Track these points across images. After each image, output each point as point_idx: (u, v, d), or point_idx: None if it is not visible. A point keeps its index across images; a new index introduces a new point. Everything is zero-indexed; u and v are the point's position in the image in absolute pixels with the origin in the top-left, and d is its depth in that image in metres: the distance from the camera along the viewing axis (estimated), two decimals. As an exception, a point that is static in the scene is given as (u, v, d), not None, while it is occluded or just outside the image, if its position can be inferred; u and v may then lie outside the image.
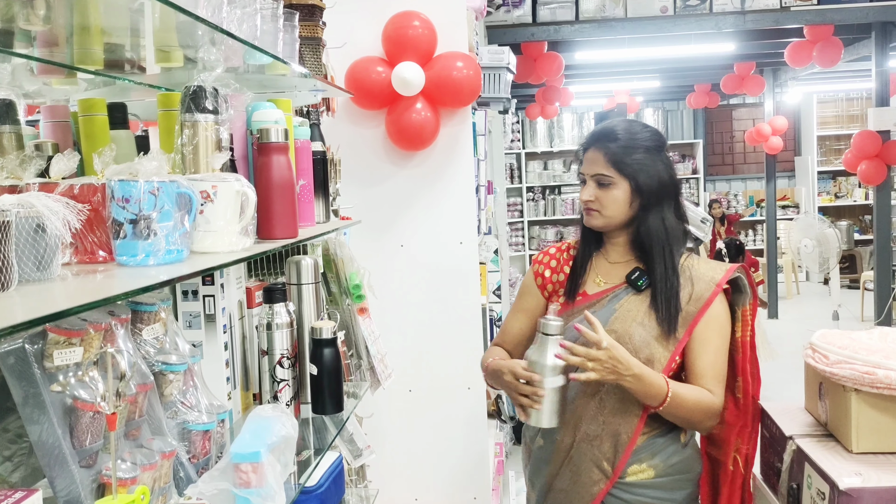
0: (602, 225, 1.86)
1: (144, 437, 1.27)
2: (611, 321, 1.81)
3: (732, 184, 11.23)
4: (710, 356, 1.79)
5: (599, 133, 1.87)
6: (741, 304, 1.86)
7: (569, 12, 5.15)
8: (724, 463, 1.89)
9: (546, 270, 1.98)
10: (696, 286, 1.82)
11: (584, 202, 1.86)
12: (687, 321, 1.80)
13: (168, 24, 1.28)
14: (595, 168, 1.83)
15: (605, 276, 1.89)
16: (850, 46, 6.21)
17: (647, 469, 1.81)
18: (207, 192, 1.26)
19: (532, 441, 1.95)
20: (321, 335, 1.82)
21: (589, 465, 1.82)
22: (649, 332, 1.79)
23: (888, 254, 5.88)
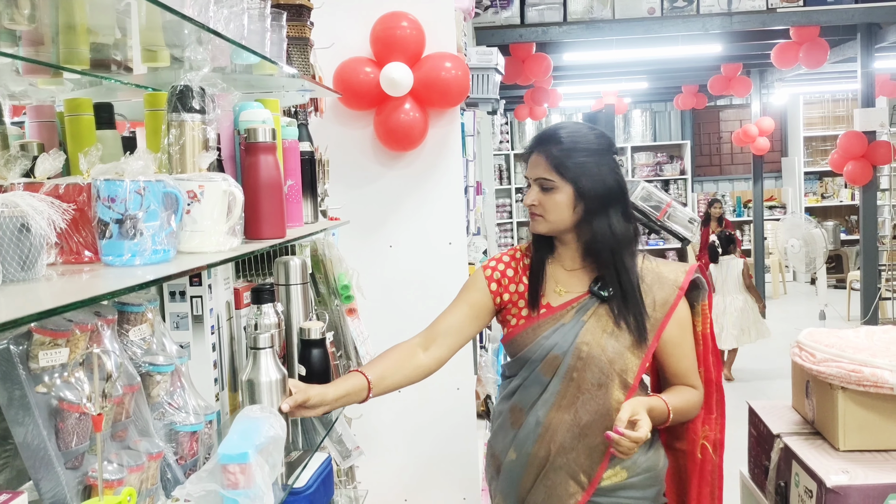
0: (546, 230, 1.83)
1: (131, 439, 1.26)
2: (581, 333, 1.80)
3: (720, 184, 11.28)
4: (685, 358, 1.84)
5: (543, 136, 1.85)
6: (700, 299, 1.89)
7: (557, 13, 5.16)
8: (691, 452, 1.89)
9: (503, 278, 1.91)
10: (660, 291, 1.83)
11: (527, 206, 1.83)
12: (655, 326, 1.81)
13: (154, 23, 1.28)
14: (537, 172, 1.81)
15: (564, 285, 1.86)
16: (836, 48, 6.25)
17: (621, 471, 1.81)
18: (194, 191, 1.25)
19: (503, 454, 1.91)
20: (310, 336, 1.81)
21: (565, 477, 1.80)
22: (621, 342, 1.79)
23: (874, 254, 5.92)
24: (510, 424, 1.88)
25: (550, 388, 1.81)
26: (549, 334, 1.81)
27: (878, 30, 5.68)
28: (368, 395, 1.76)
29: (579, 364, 1.79)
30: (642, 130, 11.10)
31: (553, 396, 1.80)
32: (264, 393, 1.59)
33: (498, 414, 1.95)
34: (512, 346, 1.90)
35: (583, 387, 1.79)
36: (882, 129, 5.93)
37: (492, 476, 1.97)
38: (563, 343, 1.80)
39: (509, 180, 10.98)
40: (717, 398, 1.90)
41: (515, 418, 1.87)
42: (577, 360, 1.79)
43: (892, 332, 1.89)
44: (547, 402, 1.80)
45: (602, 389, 1.78)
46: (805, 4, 5.11)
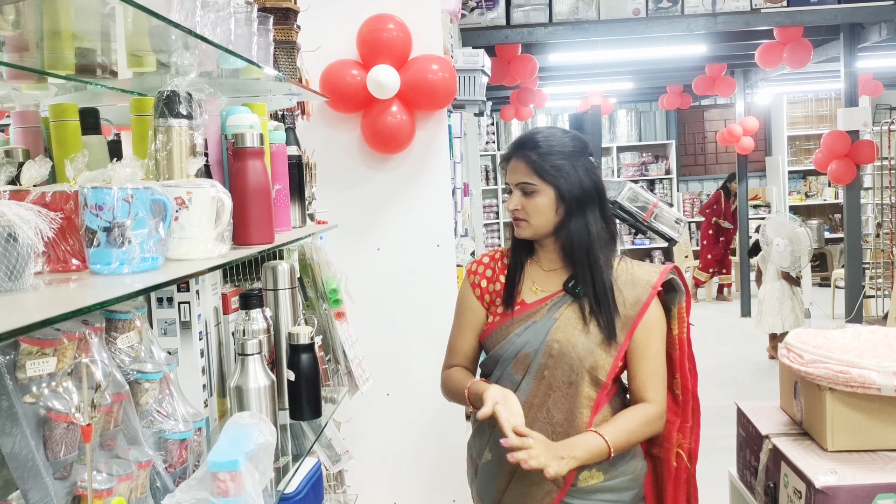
0: (531, 235, 1.85)
1: (120, 447, 1.25)
2: (552, 331, 1.81)
3: (705, 184, 11.33)
4: (651, 362, 1.82)
5: (520, 142, 1.86)
6: (676, 302, 1.87)
7: (542, 14, 5.17)
8: (666, 459, 1.89)
9: (482, 280, 1.94)
10: (633, 290, 1.83)
11: (511, 211, 1.84)
12: (627, 325, 1.81)
13: (140, 28, 1.27)
14: (518, 176, 1.83)
15: (540, 284, 1.88)
16: (820, 48, 6.29)
17: (597, 473, 1.81)
18: (182, 198, 1.25)
19: (479, 456, 1.92)
20: (298, 340, 1.81)
21: (539, 476, 1.77)
22: (592, 339, 1.79)
23: (858, 252, 5.97)
24: (487, 426, 1.88)
25: (522, 387, 1.82)
26: (521, 332, 1.83)
27: (860, 30, 5.72)
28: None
29: (550, 362, 1.80)
30: (628, 130, 11.14)
31: (525, 395, 1.81)
32: (253, 399, 1.58)
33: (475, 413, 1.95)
34: (487, 344, 1.92)
35: (553, 385, 1.80)
36: (865, 128, 5.97)
37: (471, 478, 1.99)
38: (534, 341, 1.82)
39: (496, 181, 10.99)
40: (693, 406, 1.89)
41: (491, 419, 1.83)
42: (547, 358, 1.80)
43: (879, 333, 1.90)
44: (519, 400, 1.79)
45: (572, 387, 1.79)
46: (788, 5, 5.14)
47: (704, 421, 1.93)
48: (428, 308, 2.91)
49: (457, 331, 1.99)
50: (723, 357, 6.98)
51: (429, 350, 2.90)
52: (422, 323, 2.91)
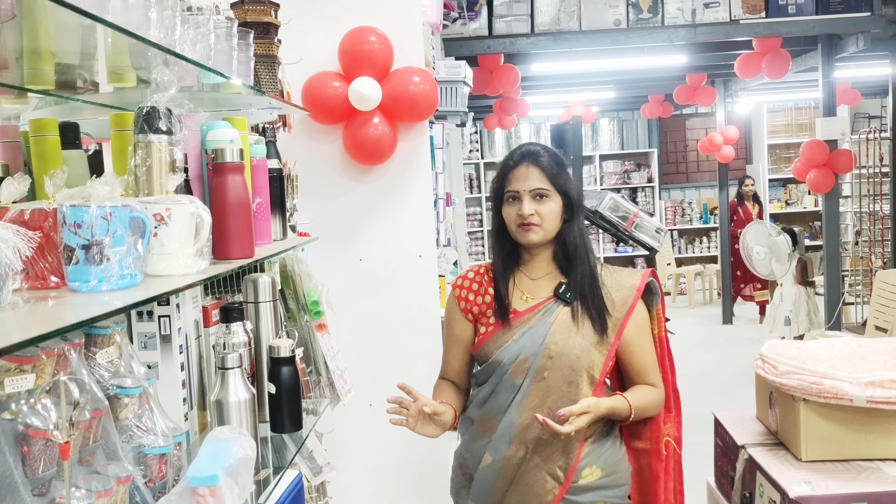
0: (541, 239, 1.92)
1: (99, 463, 1.26)
2: (549, 333, 1.88)
3: (686, 192, 11.41)
4: (645, 355, 1.94)
5: (528, 151, 1.96)
6: (654, 304, 2.00)
7: (524, 25, 5.20)
8: (655, 451, 1.97)
9: (469, 294, 2.01)
10: (619, 292, 1.94)
11: (525, 217, 1.89)
12: (616, 326, 1.91)
13: (119, 46, 1.27)
14: (532, 183, 1.91)
15: (529, 293, 1.96)
16: (798, 58, 6.37)
17: (596, 470, 1.89)
18: (161, 214, 1.25)
19: (475, 461, 1.95)
20: (279, 353, 1.81)
21: (542, 475, 1.87)
22: (587, 340, 1.88)
23: (837, 260, 6.03)
24: (482, 432, 1.94)
25: (523, 390, 1.88)
26: (518, 337, 1.90)
27: (838, 41, 5.80)
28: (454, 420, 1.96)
29: (549, 363, 1.87)
30: (610, 139, 11.20)
31: (525, 397, 1.88)
32: (233, 413, 1.58)
33: (469, 423, 2.00)
34: (482, 353, 1.96)
35: (553, 385, 1.87)
36: (843, 137, 6.04)
37: (461, 486, 2.01)
38: (532, 345, 1.89)
39: (479, 189, 11.02)
40: (674, 398, 2.01)
41: (487, 426, 1.93)
42: (546, 360, 1.87)
43: (853, 343, 1.93)
44: (520, 403, 1.88)
45: (572, 386, 1.87)
46: (767, 16, 5.20)
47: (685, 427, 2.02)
48: (410, 319, 2.92)
49: (446, 345, 2.08)
50: (705, 365, 7.03)
51: (411, 360, 2.91)
52: (404, 333, 2.92)
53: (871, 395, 1.64)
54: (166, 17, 1.32)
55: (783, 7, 5.18)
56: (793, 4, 5.18)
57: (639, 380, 1.96)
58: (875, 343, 1.95)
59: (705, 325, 8.93)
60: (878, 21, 5.14)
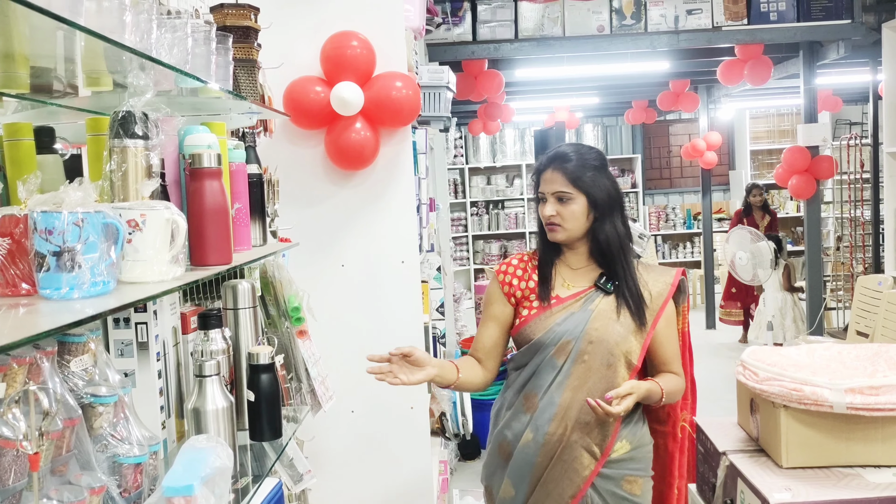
0: (564, 238, 2.08)
1: (72, 473, 1.24)
2: (591, 320, 2.04)
3: (670, 197, 11.47)
4: (671, 346, 2.12)
5: (554, 156, 2.10)
6: (682, 301, 2.18)
7: (508, 31, 5.21)
8: (672, 433, 2.19)
9: (513, 279, 2.15)
10: (655, 286, 2.11)
11: (547, 218, 2.07)
12: (652, 315, 2.08)
13: (94, 50, 1.26)
14: (554, 186, 2.06)
15: (571, 281, 2.12)
16: (780, 65, 6.41)
17: (626, 444, 2.06)
18: (136, 220, 1.23)
19: (516, 439, 2.07)
20: (258, 361, 1.80)
21: (580, 451, 2.02)
22: (626, 328, 2.04)
23: (819, 265, 6.07)
24: (524, 409, 2.08)
25: (564, 371, 2.03)
26: (562, 321, 2.05)
27: (819, 48, 5.84)
28: (456, 380, 2.07)
29: (590, 347, 2.03)
30: (594, 144, 11.23)
31: (566, 378, 2.03)
32: (210, 421, 1.56)
33: (509, 404, 2.13)
34: (525, 333, 2.10)
35: (593, 368, 2.03)
36: (825, 143, 6.09)
37: (497, 466, 2.13)
38: (575, 329, 2.04)
39: (464, 194, 11.02)
40: (691, 387, 2.22)
41: (529, 404, 2.07)
42: (587, 344, 2.03)
43: (833, 349, 1.93)
44: (561, 384, 2.03)
45: (611, 370, 2.03)
46: (749, 23, 5.24)
47: None
48: (392, 325, 2.90)
49: (482, 323, 2.21)
50: (688, 369, 7.04)
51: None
52: (387, 339, 2.90)
53: (851, 401, 1.64)
54: (142, 21, 1.31)
55: (765, 14, 5.21)
56: (774, 12, 5.22)
57: (664, 368, 2.12)
58: (855, 349, 1.96)
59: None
60: (859, 28, 5.18)
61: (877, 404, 1.67)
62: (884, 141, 5.39)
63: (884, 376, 1.70)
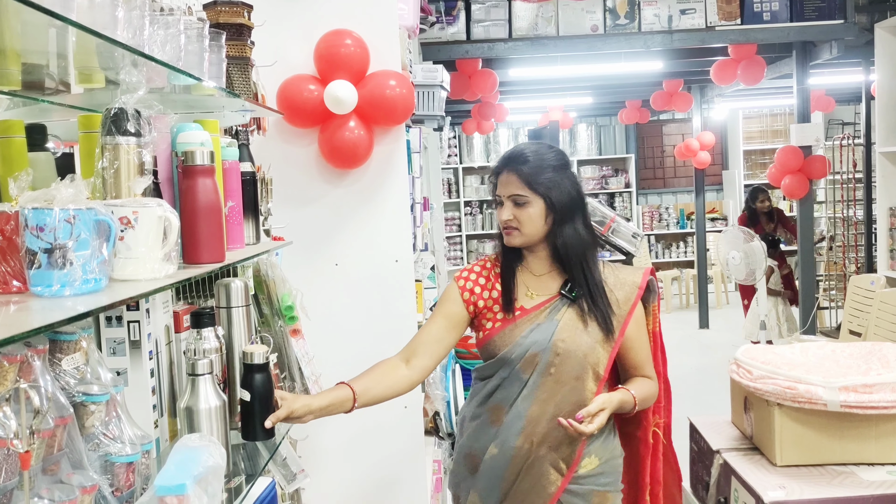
0: (521, 242, 1.98)
1: (64, 472, 1.23)
2: (557, 331, 1.95)
3: (664, 197, 11.48)
4: (643, 350, 2.04)
5: (510, 157, 2.01)
6: (651, 301, 2.10)
7: (502, 30, 5.21)
8: (643, 438, 2.09)
9: (475, 287, 2.05)
10: (622, 290, 2.01)
11: (504, 222, 1.98)
12: (620, 322, 1.99)
13: (86, 46, 1.25)
14: (510, 189, 1.97)
15: (535, 289, 2.02)
16: (773, 65, 6.43)
17: (594, 459, 1.98)
18: (128, 217, 1.23)
19: (482, 452, 2.01)
20: (252, 360, 1.77)
21: (547, 467, 1.95)
22: (593, 337, 1.95)
23: (812, 265, 6.08)
24: (490, 423, 2.01)
25: (530, 384, 1.95)
26: (528, 333, 1.96)
27: (812, 48, 5.86)
28: (354, 405, 1.91)
29: (557, 360, 1.94)
30: (588, 144, 11.25)
31: (534, 391, 1.95)
32: (203, 420, 1.56)
33: (475, 416, 2.06)
34: (489, 348, 2.02)
35: (561, 380, 1.95)
36: (818, 143, 6.10)
37: (464, 477, 2.07)
38: (542, 341, 1.95)
39: (458, 194, 11.02)
40: (664, 388, 2.13)
41: (495, 417, 2.00)
42: (554, 356, 1.94)
43: (826, 348, 1.94)
44: (528, 397, 1.95)
45: (579, 382, 1.95)
46: (742, 23, 5.25)
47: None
48: (386, 323, 2.90)
49: (429, 319, 2.09)
50: (681, 369, 7.06)
51: (387, 366, 2.89)
52: (380, 338, 2.89)
53: (845, 399, 1.65)
54: (134, 17, 1.30)
55: (758, 14, 5.22)
56: (767, 12, 5.23)
57: (635, 373, 2.04)
58: (848, 348, 1.96)
59: (682, 329, 8.98)
60: (852, 28, 5.20)
61: (870, 402, 1.67)
62: (876, 141, 5.42)
63: (877, 374, 1.71)
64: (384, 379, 1.99)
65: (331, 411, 1.87)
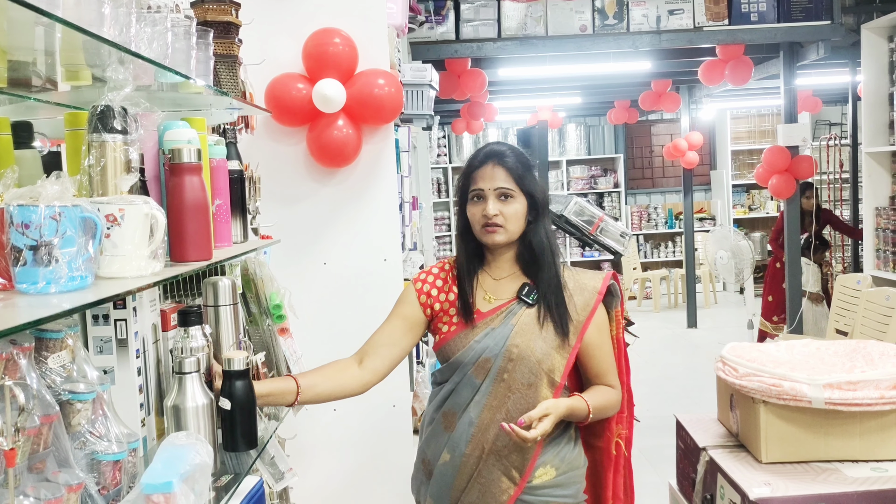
0: (505, 240, 1.91)
1: (49, 470, 1.22)
2: (511, 336, 1.89)
3: (652, 197, 11.52)
4: (604, 358, 1.96)
5: (492, 152, 1.94)
6: (614, 306, 2.01)
7: (491, 30, 5.22)
8: (606, 449, 2.01)
9: (432, 290, 2.00)
10: (581, 295, 1.94)
11: (490, 217, 1.88)
12: (578, 328, 1.92)
13: (73, 43, 1.24)
14: (496, 182, 1.90)
15: (492, 293, 1.96)
16: (760, 65, 6.46)
17: (550, 469, 1.90)
18: (114, 215, 1.22)
19: (435, 458, 1.97)
20: (232, 366, 1.71)
21: (498, 475, 1.88)
22: (549, 343, 1.89)
23: (798, 264, 6.11)
24: (443, 429, 1.95)
25: (482, 390, 1.90)
26: (481, 338, 1.90)
27: (799, 48, 5.89)
28: (296, 399, 1.83)
29: (510, 365, 1.88)
30: (577, 144, 11.28)
31: (485, 397, 1.89)
32: (190, 419, 1.55)
33: (430, 420, 2.02)
34: (444, 352, 1.97)
35: (513, 386, 1.88)
36: (805, 143, 6.13)
37: (421, 482, 2.03)
38: (495, 346, 1.89)
39: (447, 193, 11.02)
40: (627, 398, 2.04)
41: (448, 422, 1.94)
42: (507, 362, 1.88)
43: (812, 346, 1.95)
44: (479, 403, 1.89)
45: (532, 389, 1.88)
46: (730, 24, 5.27)
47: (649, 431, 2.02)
48: (375, 322, 2.87)
49: (384, 323, 2.03)
50: (669, 368, 7.09)
51: (375, 365, 2.89)
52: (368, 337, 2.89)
53: (830, 396, 1.66)
54: (121, 14, 1.30)
55: (746, 15, 5.25)
56: (755, 12, 5.26)
57: (597, 381, 1.97)
58: (833, 345, 1.98)
59: (670, 328, 9.02)
60: (838, 29, 5.23)
61: (855, 399, 1.69)
62: (863, 141, 5.45)
63: (861, 372, 1.72)
64: (334, 377, 1.93)
65: (270, 401, 1.82)
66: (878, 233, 5.35)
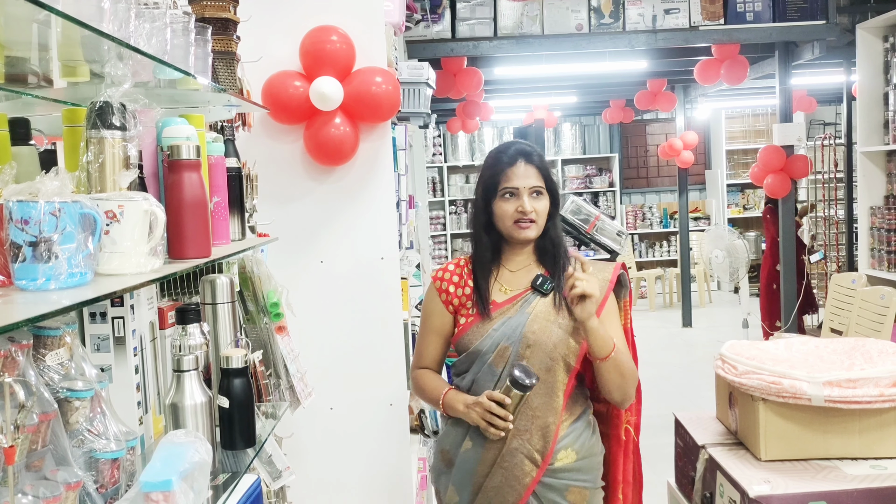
0: (535, 235, 2.02)
1: (48, 468, 1.21)
2: (528, 323, 1.97)
3: (647, 196, 11.54)
4: (619, 341, 1.99)
5: (521, 150, 2.05)
6: (623, 296, 2.09)
7: (487, 28, 5.21)
8: (616, 436, 2.08)
9: (450, 286, 2.10)
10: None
11: (527, 213, 1.98)
12: None
13: (71, 38, 1.24)
14: (530, 181, 2.00)
15: (508, 284, 2.05)
16: (756, 65, 6.47)
17: (571, 452, 1.97)
18: (113, 211, 1.22)
19: (456, 447, 2.03)
20: (230, 364, 1.72)
21: (521, 458, 1.95)
22: (564, 329, 1.96)
23: (793, 263, 6.12)
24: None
25: (503, 378, 1.95)
26: (499, 326, 1.99)
27: (794, 48, 5.90)
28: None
29: (527, 352, 1.96)
30: (572, 143, 11.28)
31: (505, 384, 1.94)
32: (189, 417, 1.55)
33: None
34: (463, 342, 2.05)
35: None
36: (799, 143, 6.14)
37: (440, 472, 2.09)
38: (512, 334, 1.97)
39: (443, 192, 11.01)
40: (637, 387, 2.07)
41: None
42: (525, 349, 1.96)
43: (811, 344, 1.95)
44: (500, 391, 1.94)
45: (550, 373, 1.95)
46: (726, 23, 5.28)
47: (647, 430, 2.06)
48: (371, 321, 2.89)
49: (423, 336, 2.15)
50: (665, 367, 7.10)
51: (373, 363, 2.88)
52: (366, 336, 2.89)
53: (829, 394, 1.66)
54: (120, 10, 1.29)
55: (741, 14, 5.26)
56: (751, 12, 5.26)
57: None
58: (832, 343, 1.98)
59: (665, 328, 9.03)
60: (834, 29, 5.24)
61: (854, 397, 1.69)
62: (857, 141, 5.47)
63: (861, 369, 1.72)
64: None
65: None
66: (873, 232, 5.37)
